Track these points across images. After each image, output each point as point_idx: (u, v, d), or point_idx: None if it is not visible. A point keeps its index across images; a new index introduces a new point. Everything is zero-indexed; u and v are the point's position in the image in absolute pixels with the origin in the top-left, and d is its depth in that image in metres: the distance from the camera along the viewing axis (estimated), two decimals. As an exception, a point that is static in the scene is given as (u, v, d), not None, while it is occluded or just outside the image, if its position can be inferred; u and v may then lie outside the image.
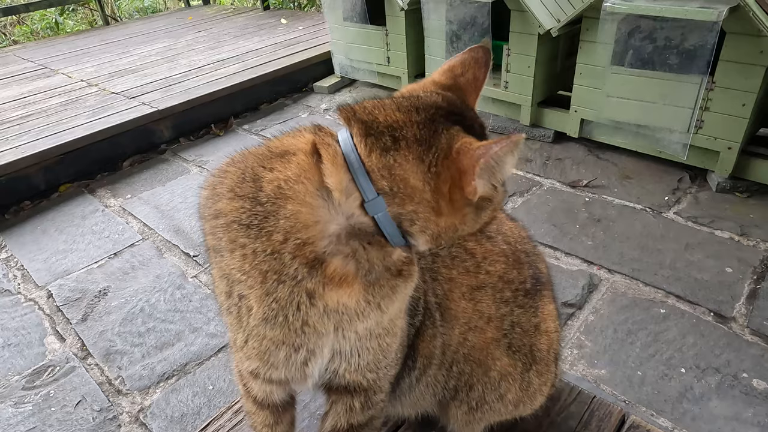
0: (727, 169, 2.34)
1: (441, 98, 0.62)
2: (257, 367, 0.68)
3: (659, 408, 1.49)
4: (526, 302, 0.82)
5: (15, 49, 5.21)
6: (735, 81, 2.17)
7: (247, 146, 0.68)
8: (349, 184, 0.56)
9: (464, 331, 0.79)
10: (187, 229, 2.45)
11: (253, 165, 0.61)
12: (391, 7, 3.30)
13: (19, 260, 2.34)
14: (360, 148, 0.56)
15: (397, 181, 0.56)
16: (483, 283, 0.79)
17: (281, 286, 0.59)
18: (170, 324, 1.92)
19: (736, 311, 1.77)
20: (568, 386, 1.00)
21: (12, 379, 1.74)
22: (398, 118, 0.58)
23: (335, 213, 0.57)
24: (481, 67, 0.67)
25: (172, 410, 1.60)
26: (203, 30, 5.10)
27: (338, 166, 0.56)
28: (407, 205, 0.56)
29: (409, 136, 0.56)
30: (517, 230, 0.87)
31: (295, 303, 0.60)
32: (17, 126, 3.13)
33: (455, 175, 0.55)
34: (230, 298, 0.63)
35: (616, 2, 2.26)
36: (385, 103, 0.61)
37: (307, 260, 0.58)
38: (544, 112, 2.93)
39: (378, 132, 0.57)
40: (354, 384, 0.72)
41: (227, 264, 0.61)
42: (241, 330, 0.65)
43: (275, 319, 0.61)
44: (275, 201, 0.57)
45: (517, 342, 0.82)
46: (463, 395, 0.82)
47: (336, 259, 0.59)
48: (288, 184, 0.57)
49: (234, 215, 0.59)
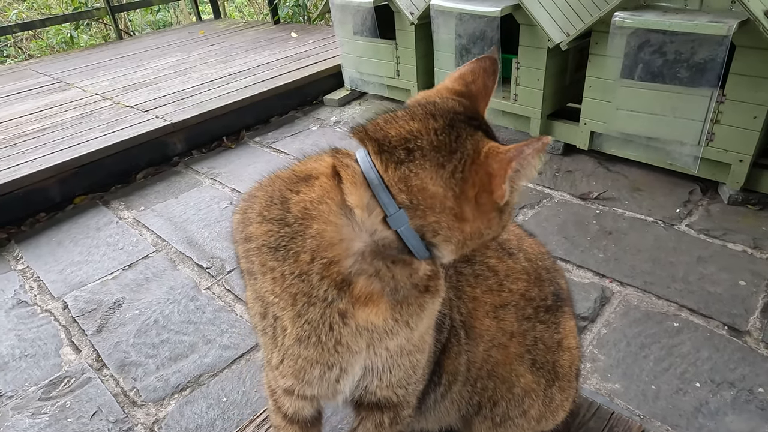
0: (738, 182, 2.34)
1: (458, 104, 0.63)
2: (292, 384, 0.69)
3: (674, 423, 1.48)
4: (547, 318, 0.83)
5: (31, 63, 5.31)
6: (746, 94, 2.18)
7: (259, 160, 0.70)
8: (371, 201, 0.57)
9: (488, 348, 0.80)
10: (199, 241, 2.48)
11: (280, 188, 0.63)
12: (401, 22, 3.34)
13: (35, 271, 2.38)
14: (378, 165, 0.58)
15: (415, 192, 0.57)
16: (506, 301, 0.80)
17: (312, 308, 0.60)
18: (184, 335, 1.94)
19: (750, 325, 1.76)
20: (586, 402, 1.00)
21: (29, 390, 1.76)
22: (412, 128, 0.59)
23: (359, 230, 0.59)
24: (489, 75, 0.69)
25: (187, 422, 1.62)
26: (215, 44, 5.18)
27: (357, 185, 0.58)
28: (429, 216, 0.57)
29: (425, 145, 0.57)
30: (537, 246, 0.89)
31: (327, 324, 0.61)
32: (34, 139, 3.18)
33: (484, 179, 0.56)
34: (265, 319, 0.65)
35: (626, 17, 2.28)
36: (398, 114, 0.62)
37: (335, 281, 0.59)
38: (553, 124, 2.94)
39: (391, 147, 0.58)
40: (384, 400, 0.73)
41: (260, 287, 0.63)
42: (276, 350, 0.66)
43: (308, 339, 0.62)
44: (302, 221, 0.59)
45: (540, 358, 0.83)
46: (486, 411, 0.83)
47: (361, 278, 0.60)
48: (313, 205, 0.59)
49: (263, 238, 0.61)
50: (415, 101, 0.66)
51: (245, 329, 1.94)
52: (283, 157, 3.22)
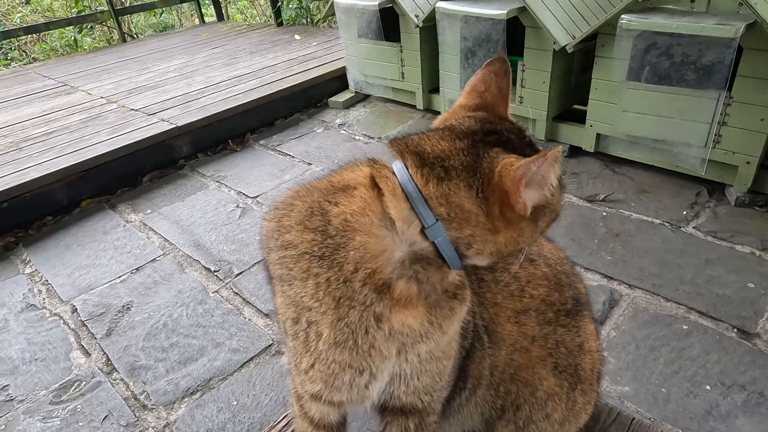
0: (746, 184, 2.34)
1: (474, 121, 0.65)
2: (320, 389, 0.70)
3: (685, 425, 1.48)
4: (568, 322, 0.84)
5: (35, 67, 5.33)
6: (753, 96, 2.18)
7: (264, 162, 0.70)
8: (409, 213, 0.59)
9: (510, 352, 0.81)
10: (207, 244, 2.49)
11: (318, 199, 0.64)
12: (406, 24, 3.35)
13: (43, 275, 2.38)
14: (416, 178, 0.59)
15: (453, 207, 0.59)
16: (527, 306, 0.81)
17: (352, 311, 0.62)
18: (193, 339, 1.94)
19: (759, 327, 1.76)
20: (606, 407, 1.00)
21: (40, 394, 1.77)
22: (444, 147, 0.61)
23: (399, 241, 0.60)
24: (501, 77, 0.70)
25: (198, 425, 1.62)
26: (218, 46, 5.19)
27: (398, 197, 0.59)
28: (465, 230, 0.59)
29: (458, 165, 0.60)
30: (556, 251, 0.90)
31: (363, 327, 0.62)
32: (41, 143, 3.19)
33: (502, 196, 0.58)
34: (297, 324, 0.66)
35: (632, 19, 2.28)
36: (429, 135, 0.64)
37: (375, 286, 0.61)
38: (559, 126, 2.95)
39: (431, 162, 0.60)
40: (410, 406, 0.74)
41: (297, 292, 0.63)
42: (307, 354, 0.67)
43: (345, 342, 0.63)
44: (344, 233, 0.61)
45: (562, 362, 0.83)
46: (510, 415, 0.84)
47: (401, 281, 0.62)
48: (354, 217, 0.61)
49: (305, 246, 0.62)
50: (436, 126, 0.68)
51: (254, 332, 1.95)
52: (288, 159, 3.23)
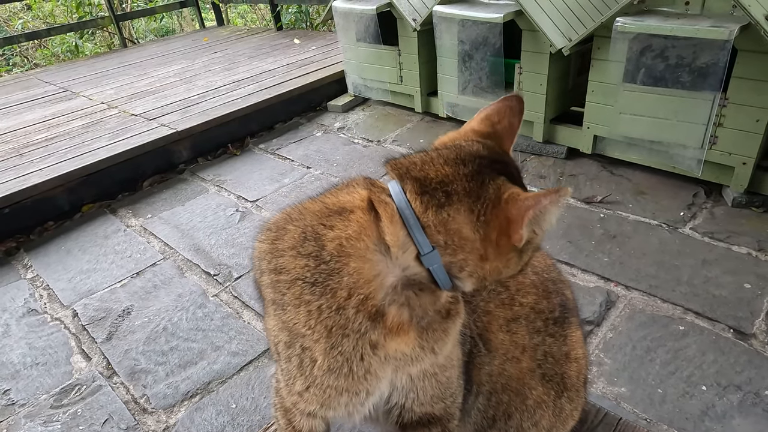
0: (742, 184, 2.35)
1: (482, 147, 0.65)
2: (315, 409, 0.70)
3: (681, 426, 1.49)
4: (556, 331, 0.85)
5: (37, 73, 5.36)
6: (748, 97, 2.19)
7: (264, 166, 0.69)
8: (405, 239, 0.59)
9: (503, 362, 0.82)
10: (206, 249, 2.50)
11: (312, 224, 0.63)
12: (404, 28, 3.37)
13: (44, 280, 2.40)
14: (415, 205, 0.59)
15: (451, 235, 0.59)
16: (517, 315, 0.82)
17: (346, 339, 0.61)
18: (193, 342, 1.96)
19: (756, 328, 1.76)
20: (594, 408, 1.01)
21: (41, 398, 1.78)
22: (447, 172, 0.61)
23: (392, 266, 0.60)
24: (515, 114, 0.70)
25: (197, 429, 1.63)
26: (219, 51, 5.22)
27: (395, 223, 0.59)
28: (458, 255, 0.59)
29: (460, 190, 0.59)
30: (543, 259, 0.91)
31: (359, 354, 0.62)
32: (42, 148, 3.22)
33: (503, 223, 0.58)
34: (291, 348, 0.66)
35: (627, 22, 2.30)
36: (432, 156, 0.64)
37: (369, 314, 0.61)
38: (556, 128, 2.96)
39: (432, 189, 0.60)
40: (427, 416, 0.74)
41: (290, 318, 0.63)
42: (302, 377, 0.67)
43: (340, 370, 0.63)
44: (338, 259, 0.60)
45: (550, 371, 0.85)
46: (501, 424, 0.85)
47: (393, 308, 0.61)
48: (349, 242, 0.60)
49: (298, 272, 0.62)
50: (442, 143, 0.68)
51: (253, 336, 1.96)
52: (288, 163, 3.25)
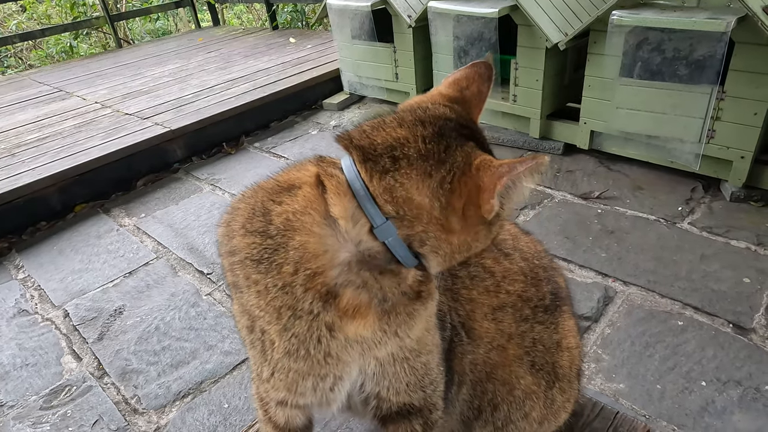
0: (740, 179, 2.33)
1: (449, 110, 0.62)
2: (285, 395, 0.68)
3: (680, 422, 1.46)
4: (546, 318, 0.82)
5: (31, 73, 5.33)
6: (746, 90, 2.16)
7: (259, 165, 0.68)
8: (356, 212, 0.56)
9: (488, 350, 0.79)
10: (200, 247, 2.47)
11: (262, 200, 0.61)
12: (399, 25, 3.35)
13: (36, 280, 2.37)
14: (364, 175, 0.56)
15: (400, 203, 0.55)
16: (503, 303, 0.79)
17: (298, 321, 0.59)
18: (185, 342, 1.93)
19: (755, 322, 1.74)
20: (590, 402, 0.99)
21: (30, 399, 1.75)
22: (399, 135, 0.57)
23: (344, 241, 0.57)
24: (484, 81, 0.67)
25: (189, 429, 1.60)
26: (213, 51, 5.19)
27: (342, 195, 0.56)
28: (416, 226, 0.56)
29: (411, 153, 0.56)
30: (533, 245, 0.87)
31: (315, 337, 0.60)
32: (34, 148, 3.19)
33: (472, 191, 0.54)
34: (252, 332, 0.64)
35: (623, 15, 2.28)
36: (386, 121, 0.60)
37: (319, 294, 0.58)
38: (553, 124, 2.94)
39: (376, 155, 0.56)
40: (406, 406, 0.71)
41: (246, 300, 0.61)
42: (266, 363, 0.64)
43: (297, 352, 0.61)
44: (284, 233, 0.58)
45: (539, 360, 0.81)
46: (487, 415, 0.82)
47: (348, 290, 0.58)
48: (296, 216, 0.58)
49: (246, 251, 0.60)
50: (406, 106, 0.64)
51: (246, 335, 1.93)
52: (283, 161, 3.22)
